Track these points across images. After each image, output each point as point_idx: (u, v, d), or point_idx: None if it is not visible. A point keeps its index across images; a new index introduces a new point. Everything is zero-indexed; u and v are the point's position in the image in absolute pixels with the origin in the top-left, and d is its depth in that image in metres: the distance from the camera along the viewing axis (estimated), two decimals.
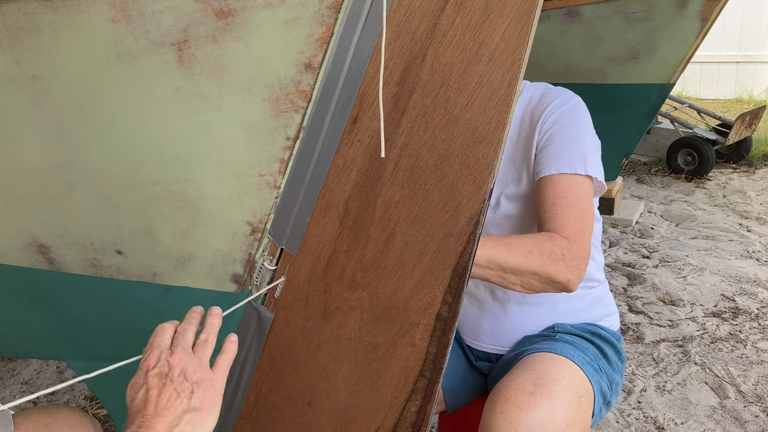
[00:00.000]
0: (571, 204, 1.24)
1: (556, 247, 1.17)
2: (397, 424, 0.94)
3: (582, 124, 1.33)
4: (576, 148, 1.30)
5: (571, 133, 1.31)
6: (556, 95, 1.35)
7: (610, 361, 1.38)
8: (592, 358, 1.33)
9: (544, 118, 1.33)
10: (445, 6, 0.79)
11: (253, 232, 0.93)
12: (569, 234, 1.20)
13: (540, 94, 1.37)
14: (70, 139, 0.93)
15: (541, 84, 1.42)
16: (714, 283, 3.21)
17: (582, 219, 1.23)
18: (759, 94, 8.23)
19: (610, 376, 1.35)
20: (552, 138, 1.32)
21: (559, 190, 1.26)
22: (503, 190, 1.40)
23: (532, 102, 1.37)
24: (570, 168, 1.27)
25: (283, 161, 0.88)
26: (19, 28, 0.85)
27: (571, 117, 1.33)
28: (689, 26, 3.35)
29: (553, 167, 1.29)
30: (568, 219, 1.22)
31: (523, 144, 1.36)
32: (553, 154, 1.30)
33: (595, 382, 1.28)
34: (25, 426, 1.03)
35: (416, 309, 0.89)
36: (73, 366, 1.19)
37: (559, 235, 1.20)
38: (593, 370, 1.30)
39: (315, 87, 0.83)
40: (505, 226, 1.40)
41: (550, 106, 1.34)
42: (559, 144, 1.30)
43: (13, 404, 0.74)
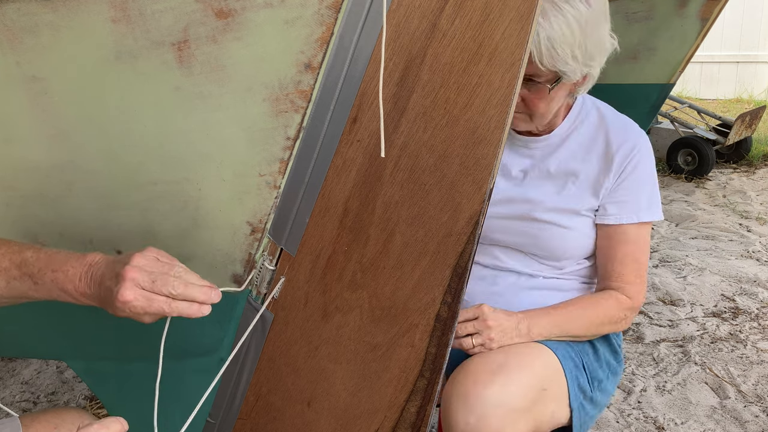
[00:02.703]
0: (637, 259, 1.35)
1: (621, 311, 1.35)
2: (397, 425, 0.94)
3: (653, 166, 1.36)
4: (652, 191, 1.35)
5: (645, 178, 1.33)
6: (632, 133, 1.35)
7: (599, 358, 1.38)
8: (577, 352, 1.34)
9: (623, 156, 1.32)
10: (445, 6, 0.79)
11: (253, 232, 0.93)
12: (633, 292, 1.35)
13: (621, 124, 1.36)
14: (70, 139, 0.93)
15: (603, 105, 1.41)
16: (714, 283, 3.21)
17: (643, 270, 1.36)
18: (759, 94, 8.23)
19: (593, 373, 1.35)
20: (632, 181, 1.32)
21: (630, 247, 1.34)
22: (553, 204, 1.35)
23: (614, 129, 1.35)
24: (648, 215, 1.33)
25: (283, 161, 0.88)
26: (19, 28, 0.85)
27: (649, 161, 1.34)
28: (689, 26, 3.35)
29: (632, 215, 1.33)
30: (634, 276, 1.35)
31: (594, 166, 1.34)
32: (630, 201, 1.33)
33: (571, 377, 1.29)
34: (34, 428, 1.04)
35: (416, 309, 0.89)
36: (73, 366, 1.19)
37: (624, 295, 1.35)
38: (573, 366, 1.31)
39: (315, 87, 0.83)
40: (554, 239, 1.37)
41: (630, 145, 1.32)
42: (636, 190, 1.33)
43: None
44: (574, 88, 1.31)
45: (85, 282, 0.84)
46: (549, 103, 1.27)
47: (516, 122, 1.32)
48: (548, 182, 1.37)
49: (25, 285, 0.86)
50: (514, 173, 1.39)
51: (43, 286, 0.86)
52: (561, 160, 1.36)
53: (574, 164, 1.35)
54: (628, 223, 1.33)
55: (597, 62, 1.27)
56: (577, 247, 1.37)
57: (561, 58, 1.17)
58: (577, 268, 1.41)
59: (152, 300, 0.79)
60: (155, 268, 0.80)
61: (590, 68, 1.26)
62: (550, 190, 1.36)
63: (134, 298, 0.78)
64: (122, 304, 0.79)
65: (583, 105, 1.39)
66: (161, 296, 0.80)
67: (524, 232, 1.37)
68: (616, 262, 1.34)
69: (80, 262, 0.84)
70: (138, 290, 0.79)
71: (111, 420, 0.70)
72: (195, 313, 0.82)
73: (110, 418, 0.71)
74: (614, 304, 1.33)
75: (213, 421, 1.07)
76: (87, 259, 0.84)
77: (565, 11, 1.15)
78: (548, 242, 1.36)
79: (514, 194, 1.37)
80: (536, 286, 1.41)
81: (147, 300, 0.79)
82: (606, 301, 1.34)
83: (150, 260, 0.81)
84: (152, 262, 0.81)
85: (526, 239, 1.37)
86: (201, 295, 0.82)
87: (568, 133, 1.37)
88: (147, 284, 0.79)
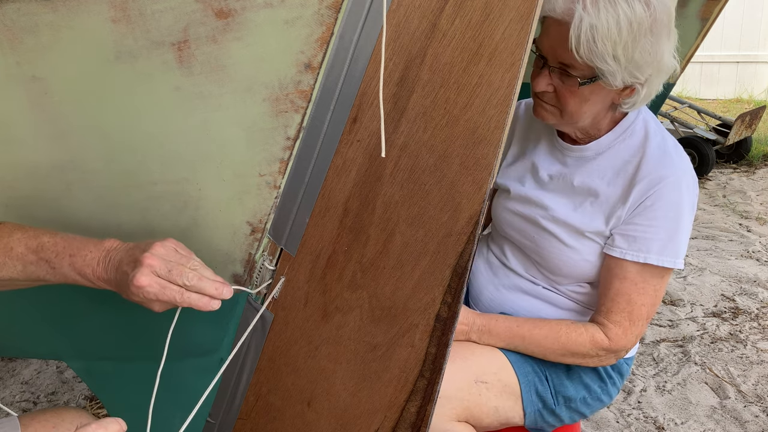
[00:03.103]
0: (631, 300, 1.23)
1: (593, 349, 1.27)
2: (397, 425, 0.94)
3: (684, 206, 1.21)
4: (672, 236, 1.20)
5: (669, 218, 1.20)
6: (669, 164, 1.21)
7: (571, 376, 1.35)
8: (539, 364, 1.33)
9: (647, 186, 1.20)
10: (445, 6, 0.79)
11: (253, 232, 0.93)
12: (614, 334, 1.25)
13: (660, 152, 1.23)
14: (70, 139, 0.93)
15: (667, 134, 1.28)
16: (714, 283, 3.21)
17: (636, 314, 1.24)
18: (759, 94, 8.23)
19: (559, 387, 1.33)
20: (648, 217, 1.20)
21: (627, 285, 1.23)
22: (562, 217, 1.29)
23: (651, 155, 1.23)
24: (658, 260, 1.21)
25: (283, 161, 0.88)
26: (19, 28, 0.85)
27: (677, 198, 1.20)
28: (689, 26, 3.35)
29: (639, 254, 1.21)
30: (623, 317, 1.24)
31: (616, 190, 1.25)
32: (643, 237, 1.21)
33: (525, 380, 1.30)
34: (33, 427, 1.04)
35: (416, 309, 0.89)
36: (73, 366, 1.19)
37: (604, 333, 1.26)
38: (531, 370, 1.31)
39: (315, 87, 0.83)
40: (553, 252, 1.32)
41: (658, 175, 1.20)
42: (654, 228, 1.20)
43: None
44: (618, 98, 1.20)
45: (102, 267, 0.86)
46: (581, 103, 1.18)
47: (545, 115, 1.24)
48: (567, 195, 1.30)
49: (42, 269, 0.88)
50: (542, 175, 1.34)
51: (60, 270, 0.87)
52: (587, 175, 1.28)
53: (598, 183, 1.26)
54: (632, 260, 1.22)
55: (647, 76, 1.16)
56: (574, 268, 1.31)
57: (599, 53, 1.08)
58: (578, 290, 1.36)
59: (166, 288, 0.82)
60: (173, 258, 0.83)
61: (636, 79, 1.15)
62: (565, 203, 1.30)
63: (148, 284, 0.81)
64: (136, 288, 0.81)
65: (633, 123, 1.27)
66: (175, 286, 0.82)
67: (529, 235, 1.35)
68: (608, 297, 1.25)
69: (98, 248, 0.87)
70: (153, 277, 0.81)
71: (109, 420, 0.71)
72: (205, 306, 0.84)
73: (109, 419, 0.72)
74: (587, 340, 1.25)
75: (213, 421, 1.07)
76: (105, 244, 0.87)
77: (619, 6, 1.07)
78: (545, 252, 1.32)
79: (533, 196, 1.33)
80: (532, 292, 1.39)
81: (161, 287, 0.82)
82: (579, 335, 1.26)
83: (169, 250, 0.83)
84: (171, 252, 0.83)
85: (529, 243, 1.36)
86: (212, 289, 0.84)
87: (605, 150, 1.28)
88: (163, 272, 0.82)
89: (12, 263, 0.88)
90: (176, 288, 0.82)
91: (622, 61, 1.10)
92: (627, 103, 1.22)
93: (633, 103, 1.21)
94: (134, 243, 0.87)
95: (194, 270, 0.84)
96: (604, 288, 1.27)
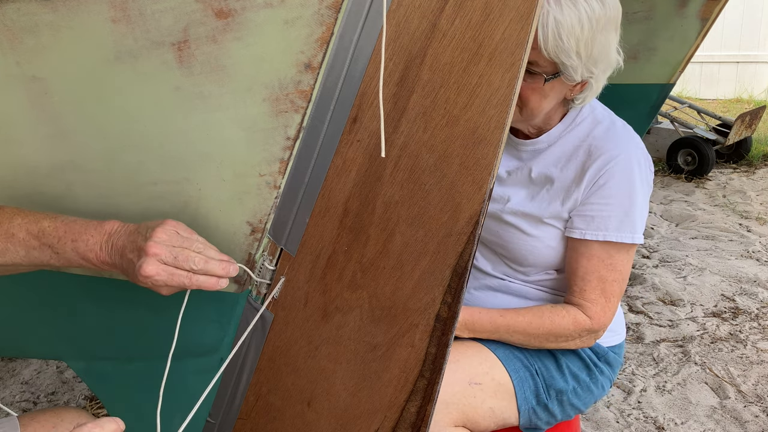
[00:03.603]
0: (602, 277, 1.27)
1: (576, 330, 1.28)
2: (397, 425, 0.94)
3: (636, 182, 1.25)
4: (627, 212, 1.24)
5: (623, 195, 1.24)
6: (619, 144, 1.26)
7: (560, 368, 1.36)
8: (527, 356, 1.34)
9: (599, 168, 1.25)
10: (445, 6, 0.79)
11: (253, 232, 0.93)
12: (594, 313, 1.28)
13: (609, 134, 1.28)
14: (70, 139, 0.93)
15: (614, 116, 1.34)
16: (714, 283, 3.21)
17: (609, 291, 1.28)
18: (759, 94, 8.23)
19: (549, 380, 1.34)
20: (603, 196, 1.25)
21: (594, 263, 1.27)
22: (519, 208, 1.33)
23: (600, 138, 1.28)
24: (617, 236, 1.24)
25: (283, 161, 0.88)
26: (19, 28, 0.85)
27: (628, 176, 1.24)
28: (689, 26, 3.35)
29: (598, 233, 1.25)
30: (597, 294, 1.27)
31: (569, 175, 1.29)
32: (600, 216, 1.25)
33: (518, 378, 1.30)
34: (32, 427, 1.04)
35: (416, 309, 0.89)
36: (73, 366, 1.19)
37: (584, 313, 1.28)
38: (521, 365, 1.32)
39: (315, 87, 0.83)
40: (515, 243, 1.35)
41: (608, 156, 1.24)
42: (609, 206, 1.25)
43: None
44: (571, 94, 1.27)
45: (105, 251, 0.86)
46: (541, 100, 1.23)
47: None
48: (525, 186, 1.35)
49: (45, 254, 0.88)
50: (500, 172, 1.38)
51: (64, 255, 0.87)
52: (543, 165, 1.33)
53: (553, 171, 1.31)
54: (593, 239, 1.26)
55: (599, 70, 1.23)
56: (538, 256, 1.33)
57: (565, 49, 1.14)
58: (546, 278, 1.38)
59: (174, 274, 0.83)
60: (176, 242, 0.84)
61: (591, 75, 1.22)
62: (523, 194, 1.34)
63: (156, 273, 0.82)
64: (144, 278, 0.82)
65: (579, 113, 1.34)
66: (182, 271, 0.83)
67: (493, 230, 1.37)
68: (578, 276, 1.28)
69: (98, 231, 0.86)
70: (160, 265, 0.82)
71: (107, 420, 0.71)
72: (213, 286, 0.86)
73: (106, 418, 0.72)
74: (569, 322, 1.28)
75: (213, 421, 1.07)
76: (105, 227, 0.87)
77: (579, 4, 1.13)
78: (510, 245, 1.35)
79: (494, 193, 1.36)
80: (502, 288, 1.41)
81: (169, 274, 0.83)
82: (562, 317, 1.28)
83: (170, 234, 0.84)
84: (173, 236, 0.84)
85: (494, 238, 1.38)
86: (220, 270, 0.86)
87: (556, 140, 1.33)
88: (169, 259, 0.82)
89: (14, 249, 0.87)
90: (184, 273, 0.84)
91: (583, 57, 1.17)
92: (579, 98, 1.28)
93: (584, 98, 1.28)
94: (134, 226, 0.87)
95: (199, 253, 0.84)
96: (572, 269, 1.30)
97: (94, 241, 0.86)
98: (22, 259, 0.88)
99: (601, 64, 1.22)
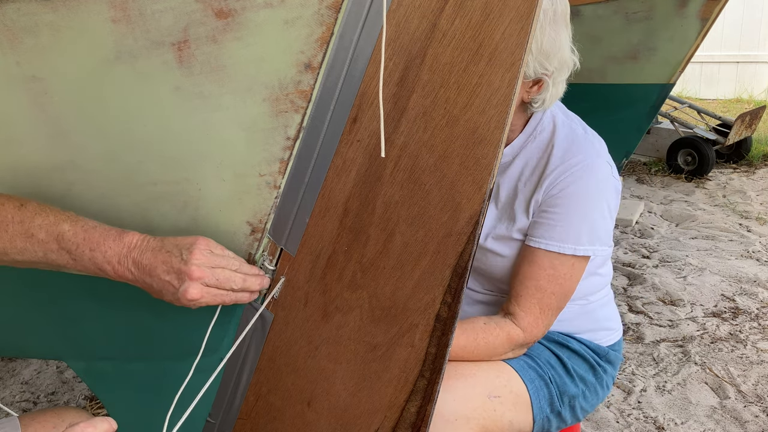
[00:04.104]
0: (540, 286, 1.24)
1: (509, 347, 1.26)
2: (397, 425, 0.94)
3: (591, 193, 1.23)
4: (574, 223, 1.23)
5: (573, 206, 1.23)
6: (576, 153, 1.24)
7: (569, 372, 1.35)
8: (541, 365, 1.32)
9: (555, 177, 1.24)
10: (445, 6, 0.79)
11: (253, 232, 0.93)
12: (527, 324, 1.25)
13: (567, 143, 1.26)
14: (70, 139, 0.93)
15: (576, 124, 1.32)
16: (714, 283, 3.21)
17: (546, 303, 1.24)
18: (759, 94, 8.23)
19: (562, 387, 1.33)
20: (553, 205, 1.24)
21: (534, 269, 1.24)
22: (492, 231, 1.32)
23: (558, 147, 1.27)
24: (558, 247, 1.23)
25: (283, 161, 0.88)
26: (19, 28, 0.85)
27: (582, 186, 1.23)
28: (689, 26, 3.35)
29: (541, 240, 1.24)
30: (532, 303, 1.24)
31: (530, 187, 1.28)
32: (547, 224, 1.24)
33: (533, 388, 1.28)
34: (33, 427, 1.04)
35: (416, 309, 0.89)
36: (73, 366, 1.19)
37: (517, 325, 1.25)
38: (536, 375, 1.29)
39: (315, 87, 0.83)
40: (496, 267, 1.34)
41: (565, 166, 1.23)
42: (558, 216, 1.23)
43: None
44: (528, 96, 1.24)
45: (125, 266, 0.87)
46: None
47: None
48: (494, 205, 1.32)
49: (63, 259, 0.88)
50: None
51: (81, 262, 0.88)
52: (508, 182, 1.31)
53: (519, 185, 1.29)
54: (535, 246, 1.24)
55: (553, 68, 1.20)
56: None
57: None
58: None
59: (216, 295, 0.86)
60: (214, 262, 0.86)
61: (546, 71, 1.20)
62: (493, 215, 1.32)
63: (201, 296, 0.85)
64: (189, 301, 0.84)
65: (541, 119, 1.31)
66: (223, 291, 0.87)
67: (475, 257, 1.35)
68: (518, 280, 1.26)
69: (117, 243, 0.87)
70: (204, 288, 0.85)
71: (99, 419, 0.71)
72: (248, 300, 0.91)
73: (99, 418, 0.72)
74: (503, 339, 1.25)
75: (213, 421, 1.07)
76: (125, 240, 0.87)
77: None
78: (491, 268, 1.33)
79: None
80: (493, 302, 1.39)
81: (212, 296, 0.86)
82: (496, 336, 1.24)
83: (207, 255, 0.86)
84: (209, 257, 0.86)
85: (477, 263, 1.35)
86: (257, 286, 0.91)
87: (519, 151, 1.31)
88: (212, 282, 0.85)
89: (33, 249, 0.88)
90: (225, 292, 0.87)
91: (534, 50, 1.16)
92: (537, 100, 1.25)
93: (542, 100, 1.25)
94: (157, 242, 0.87)
95: (236, 271, 0.88)
96: (514, 273, 1.28)
97: (112, 253, 0.86)
98: (39, 258, 0.89)
99: (553, 60, 1.20)
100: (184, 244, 0.86)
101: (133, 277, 0.87)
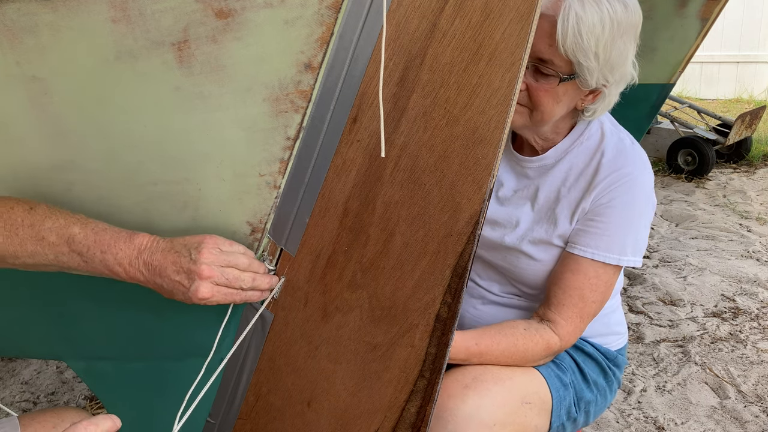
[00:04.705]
0: (584, 296, 1.24)
1: (546, 355, 1.26)
2: (397, 425, 0.94)
3: (639, 204, 1.23)
4: (620, 234, 1.22)
5: (621, 216, 1.22)
6: (626, 164, 1.24)
7: (586, 377, 1.35)
8: (563, 370, 1.32)
9: (605, 186, 1.22)
10: (445, 6, 0.79)
11: (253, 232, 0.93)
12: (565, 333, 1.25)
13: (616, 152, 1.25)
14: (70, 139, 0.93)
15: (623, 134, 1.31)
16: (714, 283, 3.21)
17: (587, 312, 1.25)
18: (759, 94, 8.23)
19: (580, 393, 1.32)
20: (601, 214, 1.23)
21: (579, 278, 1.24)
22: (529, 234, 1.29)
23: (608, 156, 1.25)
24: (604, 256, 1.22)
25: (283, 161, 0.88)
26: (19, 28, 0.85)
27: (631, 198, 1.22)
28: (689, 26, 3.35)
29: (587, 249, 1.23)
30: (574, 313, 1.24)
31: (576, 194, 1.26)
32: (593, 233, 1.23)
33: (557, 395, 1.27)
34: (33, 427, 1.04)
35: (416, 309, 0.89)
36: (73, 366, 1.19)
37: (555, 333, 1.25)
38: (560, 383, 1.29)
39: (315, 87, 0.83)
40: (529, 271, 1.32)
41: (616, 176, 1.22)
42: (605, 225, 1.22)
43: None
44: (582, 104, 1.23)
45: (136, 267, 0.87)
46: (554, 103, 1.19)
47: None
48: (533, 207, 1.31)
49: (74, 261, 0.89)
50: (505, 191, 1.34)
51: (92, 264, 0.88)
52: (550, 184, 1.30)
53: (562, 190, 1.28)
54: (581, 255, 1.23)
55: (614, 80, 1.19)
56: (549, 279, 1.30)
57: (584, 48, 1.11)
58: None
59: (227, 294, 0.87)
60: (223, 261, 0.86)
61: (606, 82, 1.18)
62: (531, 218, 1.30)
63: (212, 295, 0.85)
64: (200, 300, 0.85)
65: (588, 126, 1.29)
66: (233, 289, 0.87)
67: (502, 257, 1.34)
68: (560, 288, 1.25)
69: (128, 245, 0.87)
70: (215, 287, 0.85)
71: (103, 417, 0.71)
72: (257, 299, 0.92)
73: (102, 415, 0.72)
74: (542, 348, 1.24)
75: (213, 421, 1.07)
76: (135, 242, 0.87)
77: (602, 4, 1.10)
78: (519, 270, 1.32)
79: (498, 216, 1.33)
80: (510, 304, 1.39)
81: (223, 295, 0.86)
82: (535, 344, 1.24)
83: (216, 254, 0.86)
84: (218, 255, 0.86)
85: (504, 263, 1.35)
86: (266, 285, 0.91)
87: (564, 155, 1.29)
88: (222, 281, 0.86)
89: (44, 252, 0.88)
90: (235, 291, 0.87)
91: (601, 59, 1.14)
92: (589, 109, 1.24)
93: (594, 110, 1.24)
94: (166, 242, 0.88)
95: (245, 270, 0.88)
96: (555, 281, 1.27)
97: (123, 255, 0.87)
98: (50, 261, 0.89)
99: (617, 72, 1.18)
100: (193, 244, 0.86)
101: (144, 279, 0.87)
